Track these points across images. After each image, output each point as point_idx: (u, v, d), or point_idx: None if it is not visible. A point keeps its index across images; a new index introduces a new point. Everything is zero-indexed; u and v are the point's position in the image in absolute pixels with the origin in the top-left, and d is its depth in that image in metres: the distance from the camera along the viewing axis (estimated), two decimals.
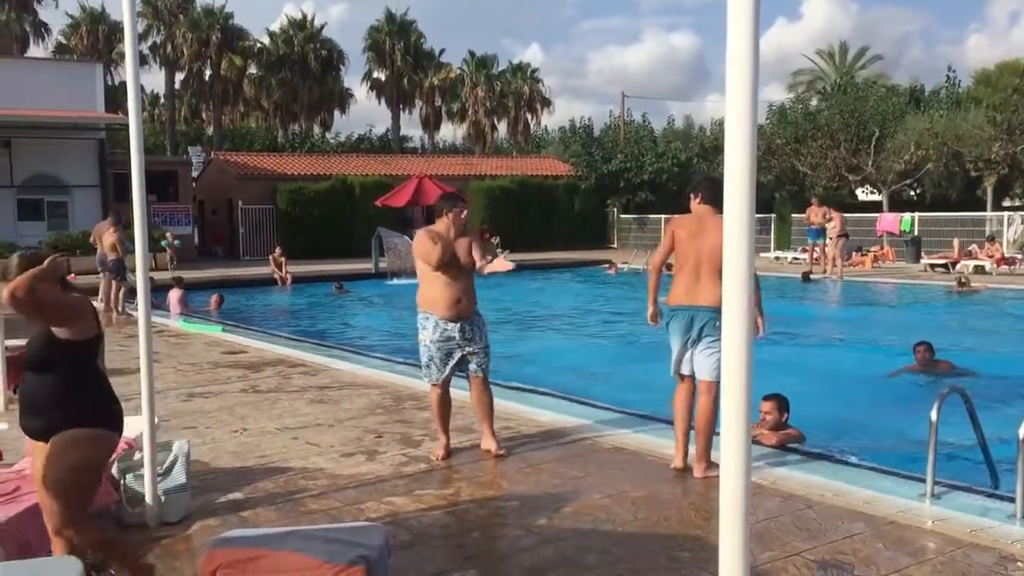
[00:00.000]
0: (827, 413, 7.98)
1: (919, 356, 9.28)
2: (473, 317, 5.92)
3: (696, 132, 42.94)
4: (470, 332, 5.89)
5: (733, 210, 1.79)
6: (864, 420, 8.02)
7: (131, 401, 7.59)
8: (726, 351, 1.87)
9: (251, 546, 3.20)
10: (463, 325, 5.85)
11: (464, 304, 5.82)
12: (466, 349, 5.90)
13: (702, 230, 5.41)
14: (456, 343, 5.86)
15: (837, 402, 8.58)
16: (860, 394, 9.04)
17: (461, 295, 5.80)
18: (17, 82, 23.60)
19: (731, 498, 1.84)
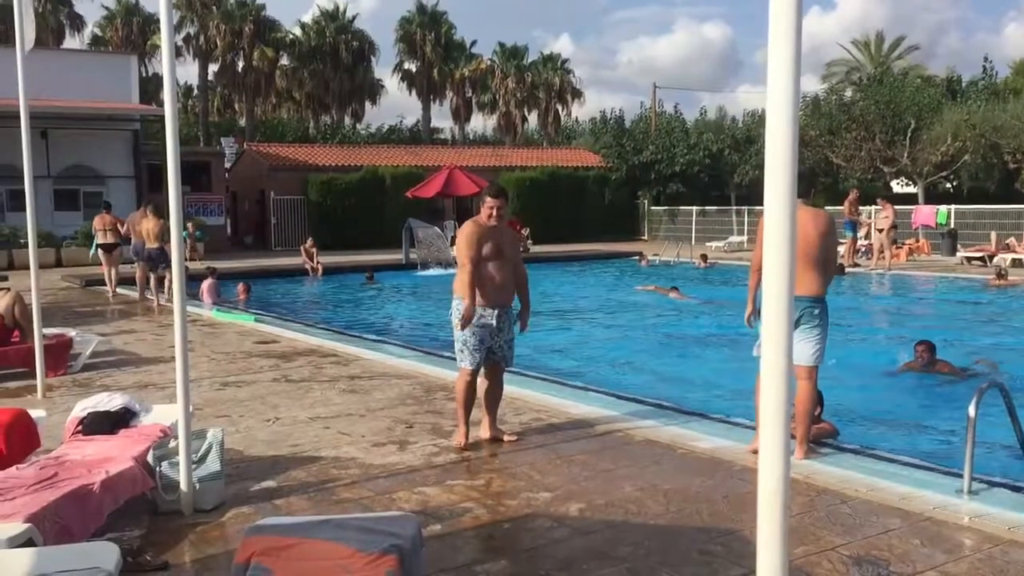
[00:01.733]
0: (860, 408, 7.91)
1: (919, 356, 9.11)
2: (510, 308, 6.09)
3: (728, 123, 42.55)
4: (504, 322, 6.00)
5: (775, 202, 1.77)
6: (897, 415, 7.92)
7: (166, 389, 7.74)
8: (765, 341, 1.84)
9: (285, 534, 3.22)
10: (500, 313, 5.96)
11: (508, 292, 6.02)
12: (496, 338, 5.97)
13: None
14: (490, 330, 5.94)
15: (868, 397, 8.49)
16: (891, 389, 8.93)
17: (508, 284, 5.99)
18: (54, 74, 23.86)
19: (770, 492, 1.81)
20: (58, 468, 4.54)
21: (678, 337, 12.87)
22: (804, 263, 5.49)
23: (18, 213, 23.89)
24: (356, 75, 51.41)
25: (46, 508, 3.91)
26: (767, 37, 1.84)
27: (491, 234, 5.95)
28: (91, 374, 8.83)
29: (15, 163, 20.71)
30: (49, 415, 5.97)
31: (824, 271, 5.63)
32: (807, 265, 5.52)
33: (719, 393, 8.74)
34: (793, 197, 1.77)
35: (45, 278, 14.63)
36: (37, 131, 25.65)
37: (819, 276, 5.60)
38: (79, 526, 4.02)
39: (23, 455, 5.05)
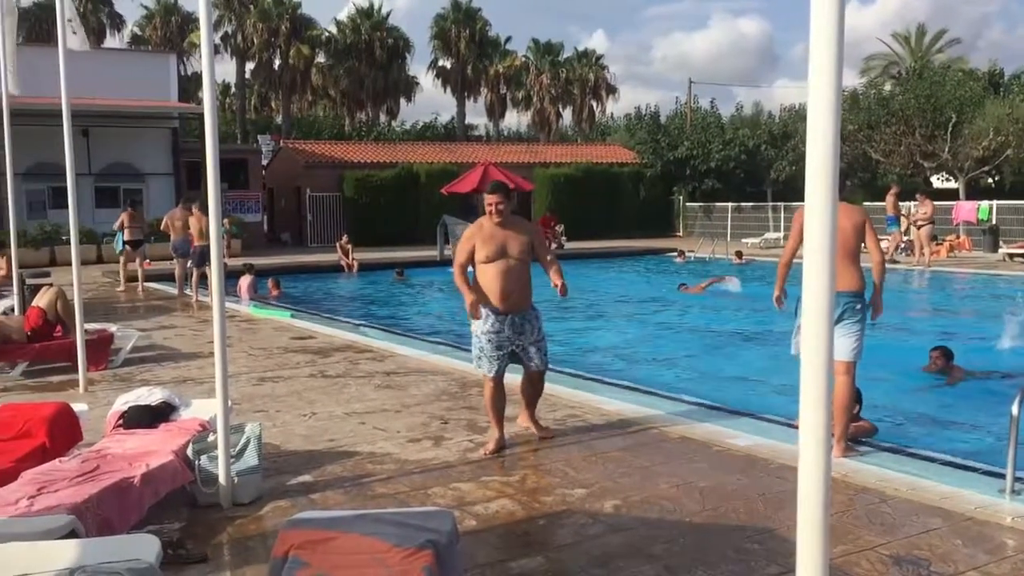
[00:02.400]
0: (898, 406, 7.81)
1: (933, 362, 8.90)
2: (527, 310, 5.78)
3: (765, 118, 42.14)
4: (520, 326, 5.73)
5: (816, 198, 1.75)
6: (936, 414, 7.81)
7: (204, 384, 7.83)
8: (805, 338, 1.82)
9: (323, 528, 3.24)
10: (513, 319, 5.70)
11: (516, 298, 5.67)
12: (516, 343, 5.75)
13: None
14: (506, 336, 5.71)
15: (906, 395, 8.37)
16: (928, 387, 8.79)
17: (513, 288, 5.64)
18: (95, 73, 24.16)
19: (810, 491, 1.79)
20: (100, 461, 4.61)
21: (714, 334, 12.79)
22: (843, 259, 5.46)
23: (60, 210, 24.29)
24: (391, 72, 51.60)
25: (88, 500, 3.97)
26: (805, 31, 1.81)
27: (493, 234, 5.68)
28: (131, 369, 8.96)
29: (58, 161, 21.09)
30: (91, 409, 6.07)
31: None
32: (847, 259, 5.53)
33: (756, 390, 8.68)
34: (834, 193, 1.75)
35: (86, 274, 14.86)
36: (79, 129, 26.05)
37: (858, 271, 5.62)
38: (120, 518, 4.08)
39: (66, 448, 5.14)
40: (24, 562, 3.10)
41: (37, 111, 17.67)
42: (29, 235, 22.40)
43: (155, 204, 27.40)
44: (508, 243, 5.65)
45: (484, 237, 5.69)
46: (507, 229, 5.71)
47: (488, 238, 5.67)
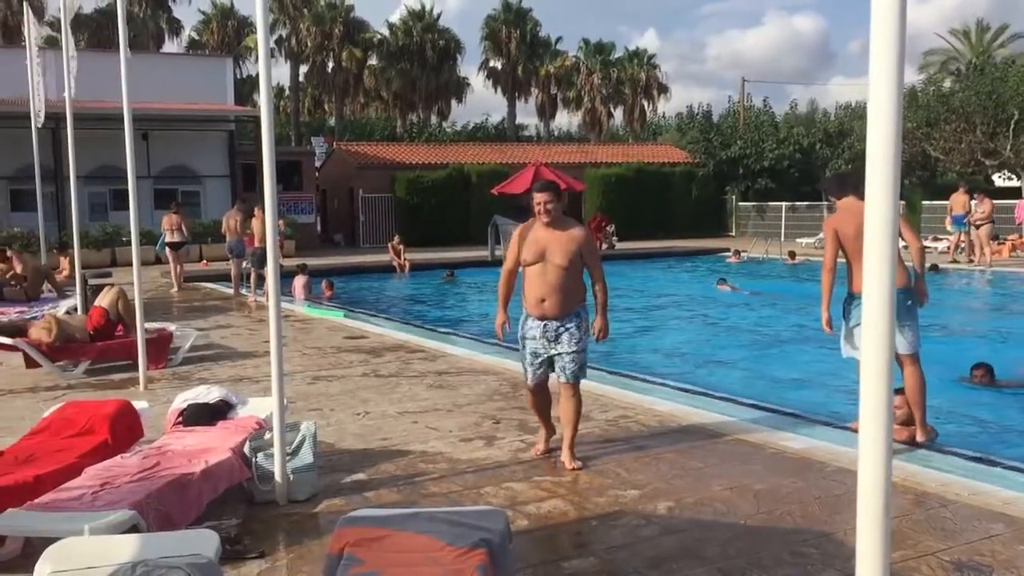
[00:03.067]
0: (959, 410, 7.64)
1: (976, 380, 8.57)
2: (564, 318, 5.37)
3: (820, 116, 41.54)
4: (555, 333, 5.38)
5: (877, 197, 1.72)
6: (996, 417, 7.63)
7: (260, 383, 7.94)
8: (866, 341, 1.79)
9: (377, 525, 3.27)
10: (547, 324, 5.37)
11: (549, 304, 5.33)
12: (551, 350, 5.42)
13: None
14: (539, 342, 5.43)
15: (966, 399, 8.18)
16: (988, 390, 8.58)
17: (547, 293, 5.32)
18: (154, 77, 24.71)
19: (871, 495, 1.77)
20: (160, 458, 4.71)
21: (767, 334, 12.64)
22: None
23: (121, 212, 24.86)
24: (442, 73, 51.88)
25: (149, 496, 4.06)
26: (861, 27, 1.80)
27: (538, 237, 5.41)
28: (190, 367, 9.13)
29: (118, 164, 21.56)
30: (151, 406, 6.19)
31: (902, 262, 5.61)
32: None
33: (810, 392, 8.56)
34: (895, 192, 1.72)
35: (145, 275, 15.08)
36: (139, 133, 26.63)
37: (901, 266, 5.58)
38: (180, 514, 4.17)
39: (127, 445, 5.26)
40: (89, 556, 3.18)
41: (99, 115, 18.15)
42: (91, 236, 22.94)
43: (211, 206, 27.92)
44: (551, 247, 5.33)
45: (529, 239, 5.45)
46: (555, 231, 5.38)
47: (532, 240, 5.43)
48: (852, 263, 5.91)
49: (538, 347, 5.44)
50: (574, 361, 5.40)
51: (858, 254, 5.66)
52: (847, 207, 5.96)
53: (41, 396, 7.85)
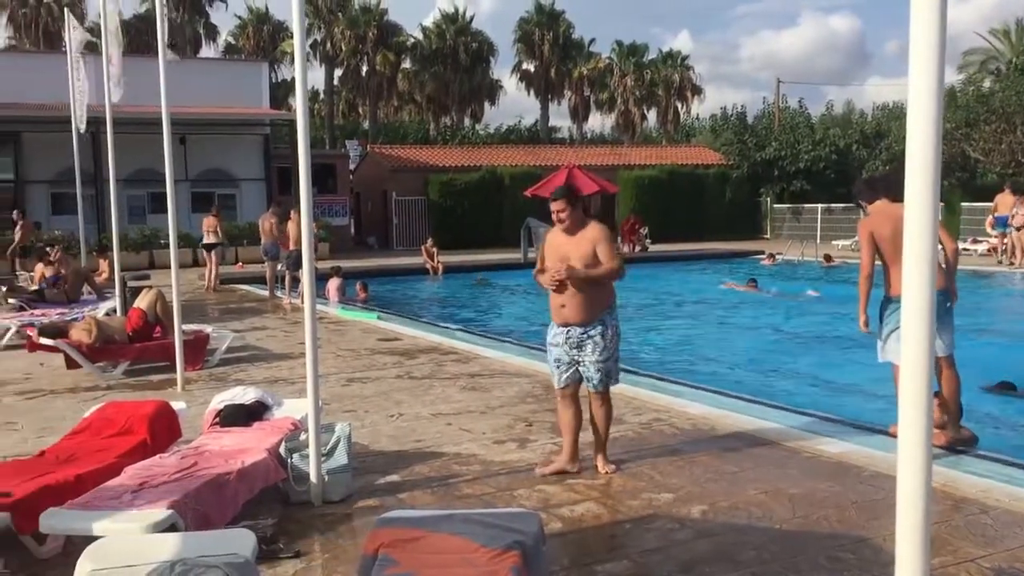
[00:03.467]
0: (998, 414, 7.53)
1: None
2: (588, 325, 5.22)
3: (856, 117, 41.07)
4: (578, 340, 5.25)
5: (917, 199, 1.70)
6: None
7: (296, 385, 8.01)
8: (906, 344, 1.78)
9: (412, 527, 3.29)
10: (570, 331, 5.26)
11: (568, 310, 5.22)
12: (576, 357, 5.31)
13: None
14: (562, 349, 5.33)
15: (1005, 404, 8.05)
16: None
17: (566, 300, 5.21)
18: (191, 82, 24.99)
19: (911, 500, 1.74)
20: (197, 458, 4.77)
21: (801, 337, 12.53)
22: None
23: (158, 215, 25.19)
24: (475, 76, 51.99)
25: (187, 495, 4.11)
26: (897, 27, 1.78)
27: (558, 243, 5.33)
28: (226, 368, 9.22)
29: (156, 167, 21.86)
30: (188, 407, 6.26)
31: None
32: None
33: (846, 396, 8.47)
34: (936, 193, 1.70)
35: (183, 277, 15.29)
36: (176, 137, 26.98)
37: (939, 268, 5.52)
38: (217, 513, 4.21)
39: (166, 445, 5.33)
40: (128, 554, 3.23)
41: (137, 120, 18.41)
42: (129, 239, 23.25)
43: (247, 209, 28.17)
44: (569, 253, 5.22)
45: (550, 245, 5.41)
46: (573, 236, 5.27)
47: (553, 247, 5.37)
48: (889, 266, 5.87)
49: (561, 354, 5.34)
50: (599, 370, 5.27)
51: (895, 257, 5.60)
52: (881, 210, 5.93)
53: (81, 396, 7.98)
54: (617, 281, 5.33)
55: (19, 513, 4.04)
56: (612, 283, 5.33)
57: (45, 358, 9.60)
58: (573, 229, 5.29)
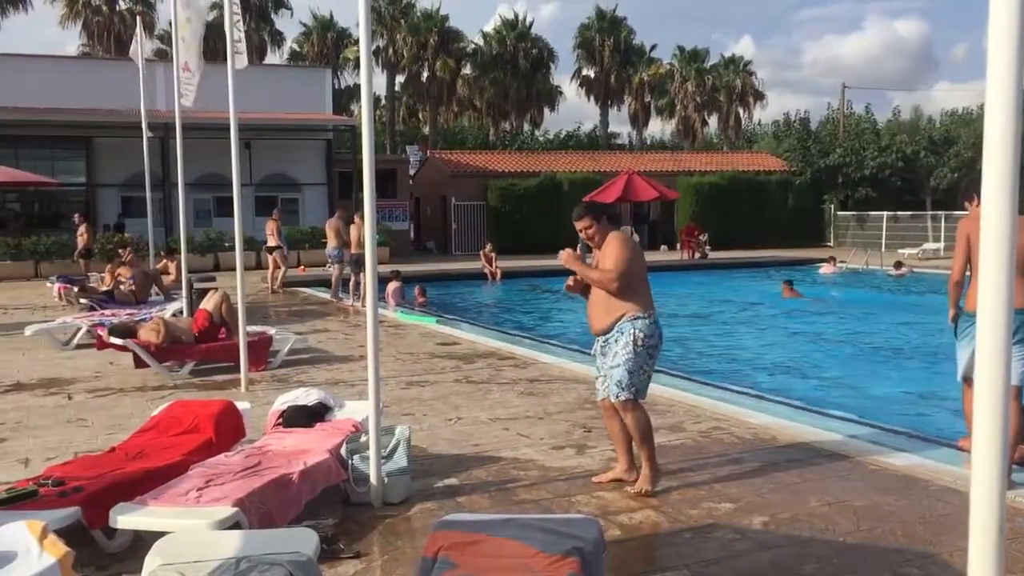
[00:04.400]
0: None
1: None
2: (607, 333, 5.18)
3: (924, 124, 40.18)
4: (602, 348, 5.25)
5: (992, 208, 1.67)
6: None
7: (356, 387, 8.10)
8: (980, 360, 1.73)
9: (471, 530, 3.30)
10: (597, 340, 5.29)
11: (592, 319, 5.25)
12: (601, 363, 5.29)
13: None
14: (597, 358, 5.34)
15: None
16: None
17: (590, 309, 5.27)
18: (256, 87, 25.53)
19: (984, 515, 1.70)
20: (261, 457, 4.85)
21: (864, 347, 12.29)
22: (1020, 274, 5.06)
23: (224, 219, 25.72)
24: (535, 82, 52.10)
25: (251, 494, 4.18)
26: (966, 31, 1.76)
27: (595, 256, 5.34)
28: (288, 370, 9.37)
29: (222, 172, 22.33)
30: (252, 407, 6.38)
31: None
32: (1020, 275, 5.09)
33: (912, 407, 8.30)
34: (1014, 202, 1.66)
35: (246, 279, 15.59)
36: (242, 142, 27.47)
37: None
38: (280, 512, 4.28)
39: (230, 444, 5.43)
40: (195, 550, 3.29)
41: (204, 125, 18.82)
42: (195, 242, 23.79)
43: (310, 213, 28.63)
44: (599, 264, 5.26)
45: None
46: (601, 251, 5.27)
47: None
48: (973, 274, 5.55)
49: (598, 362, 5.33)
50: (610, 377, 5.13)
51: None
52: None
53: (149, 395, 8.18)
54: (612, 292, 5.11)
55: (90, 507, 4.16)
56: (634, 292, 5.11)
57: (115, 357, 9.87)
58: (602, 242, 5.23)
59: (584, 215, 5.23)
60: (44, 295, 17.24)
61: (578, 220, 5.24)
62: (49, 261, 23.25)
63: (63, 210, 26.41)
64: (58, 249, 23.42)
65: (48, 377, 9.15)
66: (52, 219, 26.53)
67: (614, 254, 5.12)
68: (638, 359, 5.04)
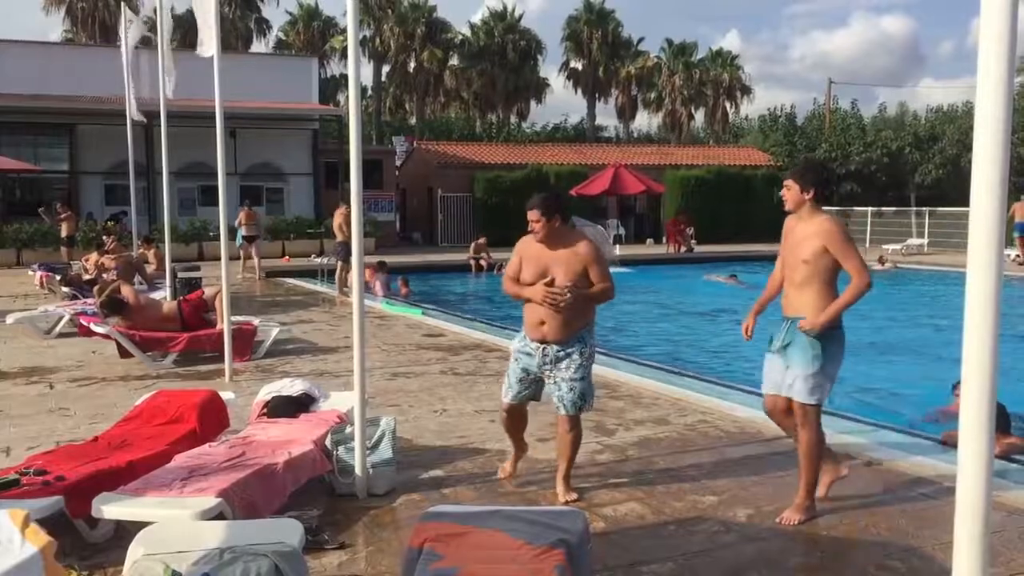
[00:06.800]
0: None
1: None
2: (566, 343, 4.83)
3: (910, 120, 40.37)
4: (554, 358, 4.85)
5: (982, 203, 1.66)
6: None
7: (341, 378, 8.07)
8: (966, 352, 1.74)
9: (457, 522, 3.30)
10: (547, 348, 4.85)
11: (549, 328, 4.80)
12: (547, 374, 4.90)
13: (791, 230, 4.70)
14: (534, 361, 4.92)
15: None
16: None
17: (547, 316, 4.77)
18: (242, 76, 25.37)
19: (969, 510, 1.71)
20: (245, 447, 4.83)
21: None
22: (788, 279, 4.65)
23: (208, 208, 25.59)
24: (522, 74, 52.03)
25: (235, 484, 4.16)
26: (952, 28, 1.76)
27: (538, 255, 4.85)
28: (272, 360, 9.33)
29: (206, 160, 22.19)
30: (236, 397, 6.35)
31: None
32: (793, 281, 4.61)
33: (894, 402, 8.34)
34: (1003, 196, 1.67)
35: (232, 269, 15.55)
36: (227, 131, 27.33)
37: (816, 297, 4.52)
38: (264, 503, 4.26)
39: (214, 434, 5.41)
40: (178, 540, 3.28)
41: (189, 113, 18.70)
42: (179, 231, 23.65)
43: (295, 203, 28.52)
44: (551, 268, 4.77)
45: (527, 256, 4.92)
46: (556, 250, 4.79)
47: (531, 258, 4.88)
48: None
49: (531, 365, 4.93)
50: (572, 389, 4.83)
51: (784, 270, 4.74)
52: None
53: (132, 385, 8.13)
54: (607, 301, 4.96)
55: (72, 497, 4.13)
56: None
57: (98, 346, 9.81)
58: (554, 242, 4.80)
59: (536, 207, 4.78)
60: (26, 283, 17.11)
61: (531, 209, 4.80)
62: (31, 249, 23.07)
63: (46, 197, 26.18)
64: (40, 237, 23.24)
65: (30, 366, 9.09)
66: (34, 207, 26.31)
67: (602, 269, 4.82)
68: (591, 369, 4.94)
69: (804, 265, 4.48)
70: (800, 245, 4.53)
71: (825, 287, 4.48)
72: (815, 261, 4.45)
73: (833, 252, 4.42)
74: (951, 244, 26.07)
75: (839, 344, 4.61)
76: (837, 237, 4.42)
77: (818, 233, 4.45)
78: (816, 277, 4.46)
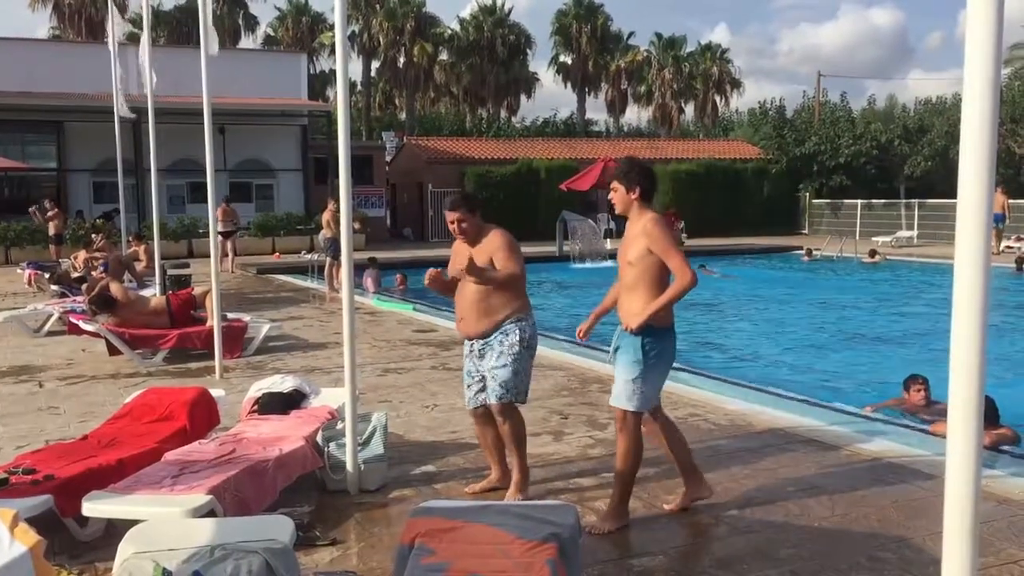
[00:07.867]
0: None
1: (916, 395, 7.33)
2: (487, 335, 4.79)
3: (899, 112, 40.44)
4: (480, 352, 4.84)
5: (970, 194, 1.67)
6: None
7: (332, 374, 8.06)
8: (954, 344, 1.74)
9: (449, 517, 3.30)
10: (472, 344, 4.88)
11: (467, 322, 4.81)
12: (480, 369, 4.86)
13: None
14: (469, 360, 4.92)
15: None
16: None
17: (464, 310, 4.81)
18: (230, 72, 25.23)
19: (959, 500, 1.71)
20: (236, 445, 4.82)
21: (839, 334, 12.38)
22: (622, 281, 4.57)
23: (198, 204, 25.48)
24: (512, 69, 51.96)
25: (226, 481, 4.16)
26: (940, 20, 1.76)
27: (458, 251, 4.94)
28: (263, 357, 9.31)
29: (195, 157, 22.11)
30: (226, 394, 6.33)
31: None
32: (625, 284, 4.54)
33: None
34: (990, 188, 1.67)
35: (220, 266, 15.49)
36: (216, 127, 27.19)
37: (638, 299, 4.43)
38: (255, 500, 4.26)
39: (205, 431, 5.39)
40: (169, 538, 3.27)
41: (177, 110, 18.62)
42: (168, 228, 23.56)
43: (285, 198, 28.44)
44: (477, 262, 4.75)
45: (454, 253, 5.00)
46: (475, 246, 4.84)
47: (454, 254, 4.99)
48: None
49: (470, 366, 4.92)
50: (494, 378, 4.72)
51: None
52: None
53: (121, 383, 8.10)
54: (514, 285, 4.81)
55: (62, 495, 4.11)
56: (517, 292, 4.86)
57: (87, 344, 9.77)
58: (475, 239, 4.85)
59: (454, 207, 4.82)
60: (15, 281, 17.02)
61: (450, 210, 4.81)
62: (19, 247, 22.95)
63: (34, 195, 26.05)
64: (28, 235, 23.12)
65: (19, 364, 9.05)
66: (22, 204, 26.17)
67: (511, 252, 4.79)
68: (522, 360, 4.79)
69: (630, 267, 4.39)
70: (627, 247, 4.44)
71: (652, 288, 4.35)
72: (639, 262, 4.35)
73: (656, 252, 4.33)
74: (940, 236, 26.17)
75: (667, 347, 4.49)
76: (657, 236, 4.32)
77: (641, 234, 4.36)
78: (643, 278, 4.36)
